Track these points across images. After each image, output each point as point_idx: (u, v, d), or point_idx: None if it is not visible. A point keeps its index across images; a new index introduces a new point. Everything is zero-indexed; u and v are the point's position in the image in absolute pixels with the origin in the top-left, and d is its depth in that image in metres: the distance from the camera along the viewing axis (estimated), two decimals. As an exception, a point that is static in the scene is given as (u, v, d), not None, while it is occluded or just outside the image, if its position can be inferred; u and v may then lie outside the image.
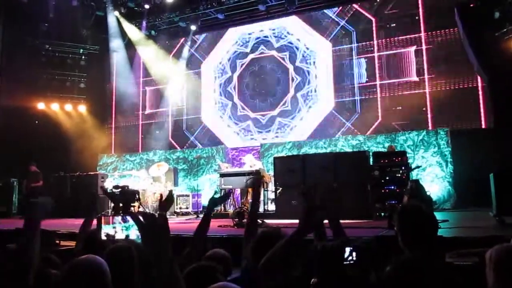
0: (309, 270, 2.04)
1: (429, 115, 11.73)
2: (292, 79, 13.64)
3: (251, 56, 14.42)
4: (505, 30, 9.31)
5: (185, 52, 15.32)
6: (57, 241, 5.61)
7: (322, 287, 1.91)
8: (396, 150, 10.35)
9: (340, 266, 1.97)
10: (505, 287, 1.96)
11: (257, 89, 14.22)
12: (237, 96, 14.49)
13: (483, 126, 10.99)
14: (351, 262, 1.99)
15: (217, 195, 7.61)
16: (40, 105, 14.91)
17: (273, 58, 14.05)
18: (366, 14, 12.87)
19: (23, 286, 2.22)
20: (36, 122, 14.86)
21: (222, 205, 10.87)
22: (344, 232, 2.81)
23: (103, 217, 2.39)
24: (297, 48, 13.70)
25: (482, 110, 11.09)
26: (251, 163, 10.87)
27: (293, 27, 13.89)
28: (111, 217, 2.43)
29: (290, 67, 13.71)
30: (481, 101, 11.14)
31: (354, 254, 1.99)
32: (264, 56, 14.22)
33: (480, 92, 11.14)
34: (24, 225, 2.38)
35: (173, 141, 15.28)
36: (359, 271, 1.97)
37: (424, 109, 11.83)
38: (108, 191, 8.98)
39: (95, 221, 4.00)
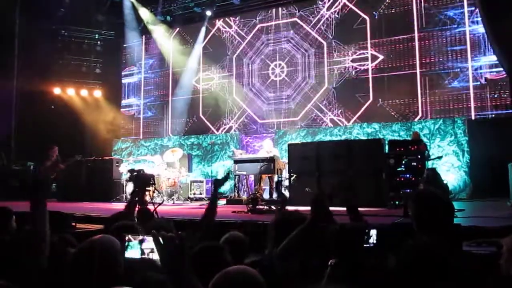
0: (325, 253, 2.03)
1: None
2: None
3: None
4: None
5: (201, 36, 15.28)
6: (73, 224, 5.67)
7: (341, 268, 1.90)
8: (420, 136, 10.24)
9: (360, 248, 1.96)
10: None
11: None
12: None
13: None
14: (372, 245, 1.98)
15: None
16: (56, 90, 15.05)
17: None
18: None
19: (36, 265, 2.25)
20: (52, 107, 15.01)
21: (236, 191, 10.92)
22: (363, 219, 2.83)
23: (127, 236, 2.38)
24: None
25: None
26: (268, 148, 10.86)
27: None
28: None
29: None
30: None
31: (375, 237, 1.98)
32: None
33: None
34: (31, 206, 2.41)
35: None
36: (379, 254, 1.96)
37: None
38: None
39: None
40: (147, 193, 7.96)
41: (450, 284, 1.74)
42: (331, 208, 2.83)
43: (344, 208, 3.03)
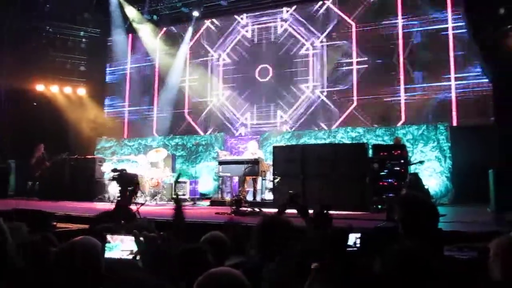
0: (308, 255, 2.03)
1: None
2: (294, 69, 13.58)
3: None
4: (510, 26, 9.24)
5: (188, 37, 15.22)
6: (54, 223, 5.60)
7: (324, 272, 1.90)
8: (401, 142, 10.34)
9: (343, 252, 1.96)
10: (510, 277, 1.96)
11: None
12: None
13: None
14: (355, 248, 1.98)
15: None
16: (40, 87, 14.82)
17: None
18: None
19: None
20: (35, 104, 14.78)
21: (220, 192, 10.91)
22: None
23: (108, 235, 2.38)
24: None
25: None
26: (253, 150, 10.86)
27: (296, 17, 13.80)
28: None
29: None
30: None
31: (358, 241, 1.98)
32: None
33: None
34: None
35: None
36: (363, 258, 1.96)
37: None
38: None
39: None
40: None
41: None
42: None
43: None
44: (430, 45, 11.90)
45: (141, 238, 1.78)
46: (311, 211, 3.22)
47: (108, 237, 2.43)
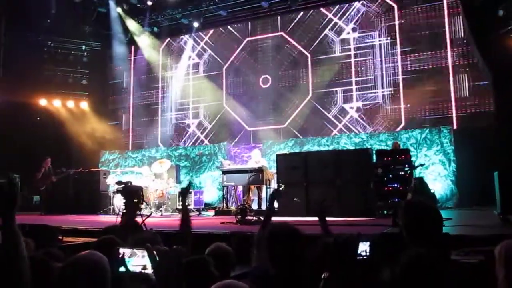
0: (319, 264, 2.02)
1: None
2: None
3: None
4: (509, 28, 9.25)
5: (189, 48, 15.31)
6: (60, 237, 5.59)
7: (334, 281, 1.89)
8: (400, 147, 10.31)
9: (353, 260, 1.95)
10: None
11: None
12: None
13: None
14: (365, 257, 1.97)
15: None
16: (42, 102, 14.90)
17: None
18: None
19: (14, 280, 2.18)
20: (38, 118, 14.85)
21: (225, 202, 10.89)
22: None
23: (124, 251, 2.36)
24: (300, 46, 13.69)
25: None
26: (256, 159, 10.86)
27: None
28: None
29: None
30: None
31: (368, 249, 1.97)
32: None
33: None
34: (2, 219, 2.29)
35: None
36: (373, 267, 1.95)
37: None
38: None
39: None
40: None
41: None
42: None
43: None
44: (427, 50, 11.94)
45: (155, 252, 1.78)
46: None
47: (121, 250, 2.42)
